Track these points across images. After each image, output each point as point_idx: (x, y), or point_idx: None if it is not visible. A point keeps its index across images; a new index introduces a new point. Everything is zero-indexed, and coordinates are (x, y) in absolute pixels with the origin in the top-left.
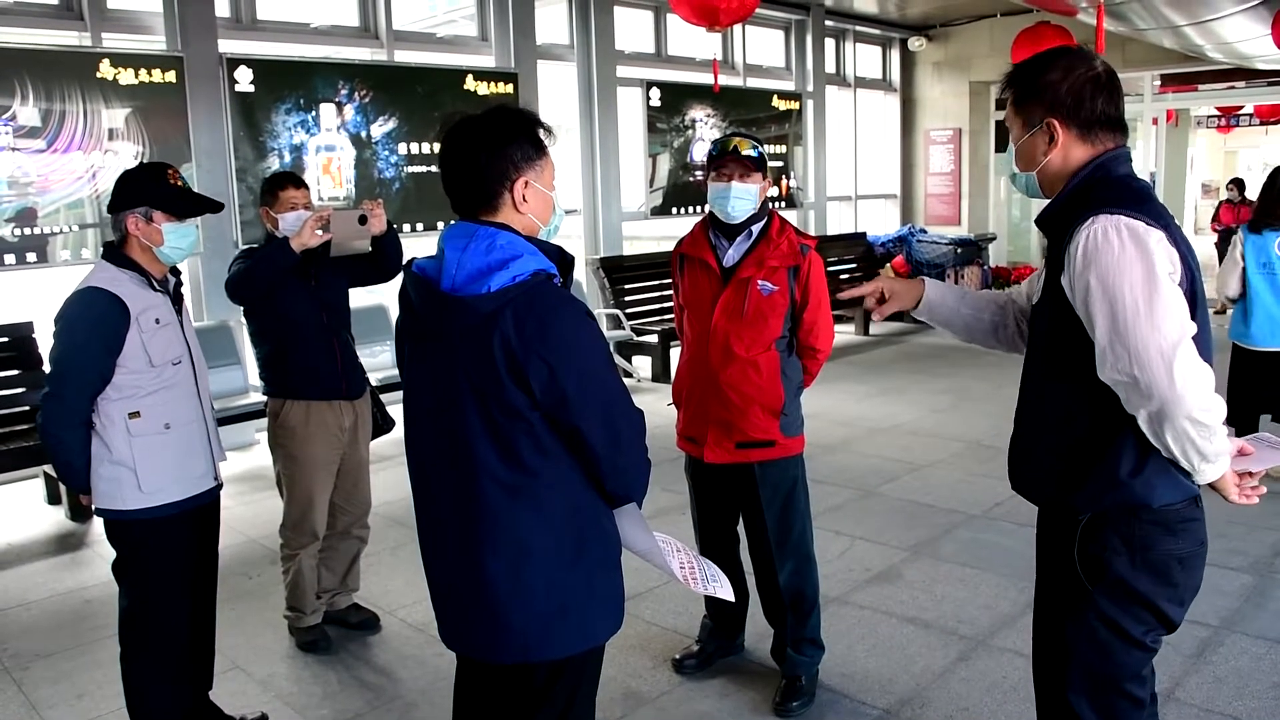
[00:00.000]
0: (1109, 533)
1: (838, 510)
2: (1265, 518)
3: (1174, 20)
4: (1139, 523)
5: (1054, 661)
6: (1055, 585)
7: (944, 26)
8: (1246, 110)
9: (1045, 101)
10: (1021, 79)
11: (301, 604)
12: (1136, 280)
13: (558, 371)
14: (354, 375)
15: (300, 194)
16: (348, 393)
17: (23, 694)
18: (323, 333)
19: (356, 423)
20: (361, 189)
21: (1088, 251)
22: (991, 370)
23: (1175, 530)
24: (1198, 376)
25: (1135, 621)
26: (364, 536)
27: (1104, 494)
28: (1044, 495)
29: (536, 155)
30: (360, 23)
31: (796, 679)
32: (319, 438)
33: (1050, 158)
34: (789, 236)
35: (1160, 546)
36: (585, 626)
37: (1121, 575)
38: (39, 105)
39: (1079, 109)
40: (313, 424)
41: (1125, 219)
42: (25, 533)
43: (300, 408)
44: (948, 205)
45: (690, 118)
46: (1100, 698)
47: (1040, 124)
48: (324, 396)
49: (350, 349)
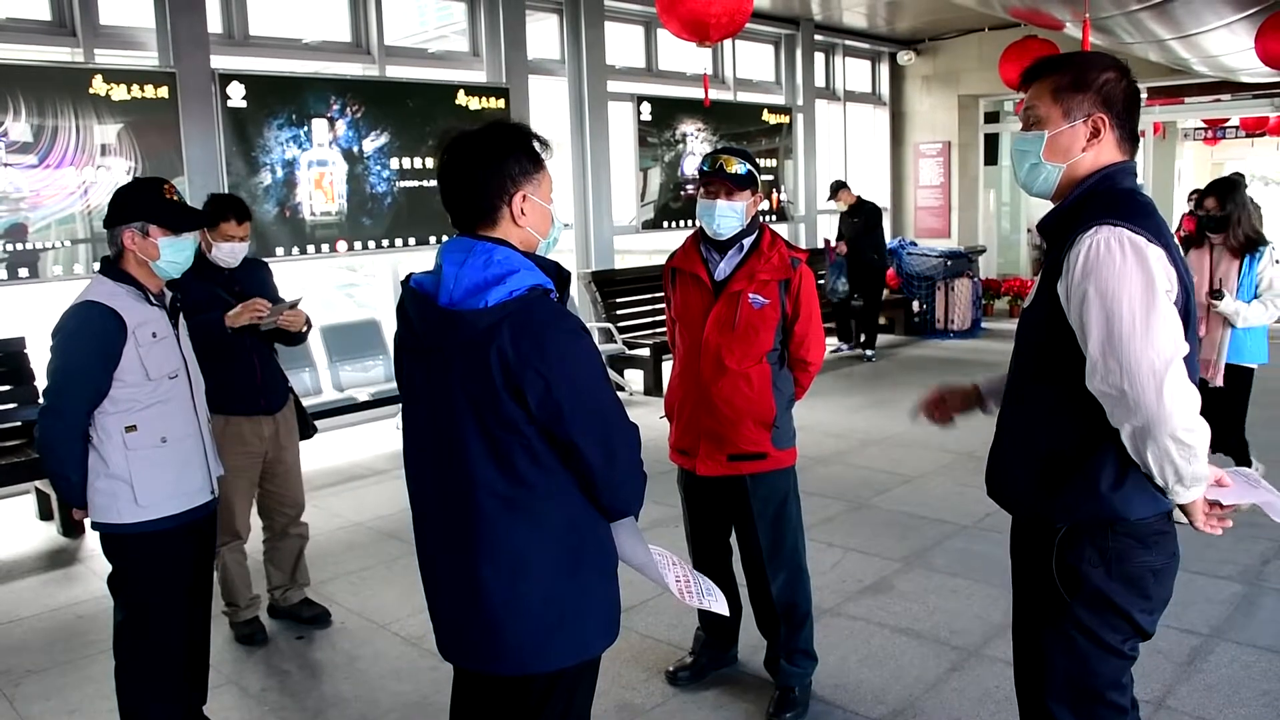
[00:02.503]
0: (1085, 544)
1: (830, 522)
2: (1254, 527)
3: (1159, 34)
4: (1114, 535)
5: (1033, 670)
6: (1032, 595)
7: (932, 41)
8: (1233, 123)
9: (1099, 97)
10: (1069, 69)
11: (235, 598)
12: (1135, 294)
13: (553, 386)
14: (273, 390)
15: (240, 229)
16: (265, 408)
17: (14, 710)
18: (243, 351)
19: (278, 431)
20: (353, 204)
21: (1088, 260)
22: None
23: (1149, 543)
24: (1185, 397)
25: (1112, 631)
26: (303, 534)
27: (1081, 505)
28: (1020, 504)
29: (534, 169)
30: (352, 38)
31: (789, 690)
32: (234, 448)
33: (1086, 154)
34: (780, 250)
35: (1135, 559)
36: (581, 638)
37: (1098, 586)
38: (31, 121)
39: (1127, 115)
40: (229, 436)
41: (1128, 232)
42: (17, 549)
43: (219, 420)
44: (937, 218)
45: (681, 132)
46: (1081, 706)
47: (1085, 118)
48: (242, 411)
49: (272, 365)
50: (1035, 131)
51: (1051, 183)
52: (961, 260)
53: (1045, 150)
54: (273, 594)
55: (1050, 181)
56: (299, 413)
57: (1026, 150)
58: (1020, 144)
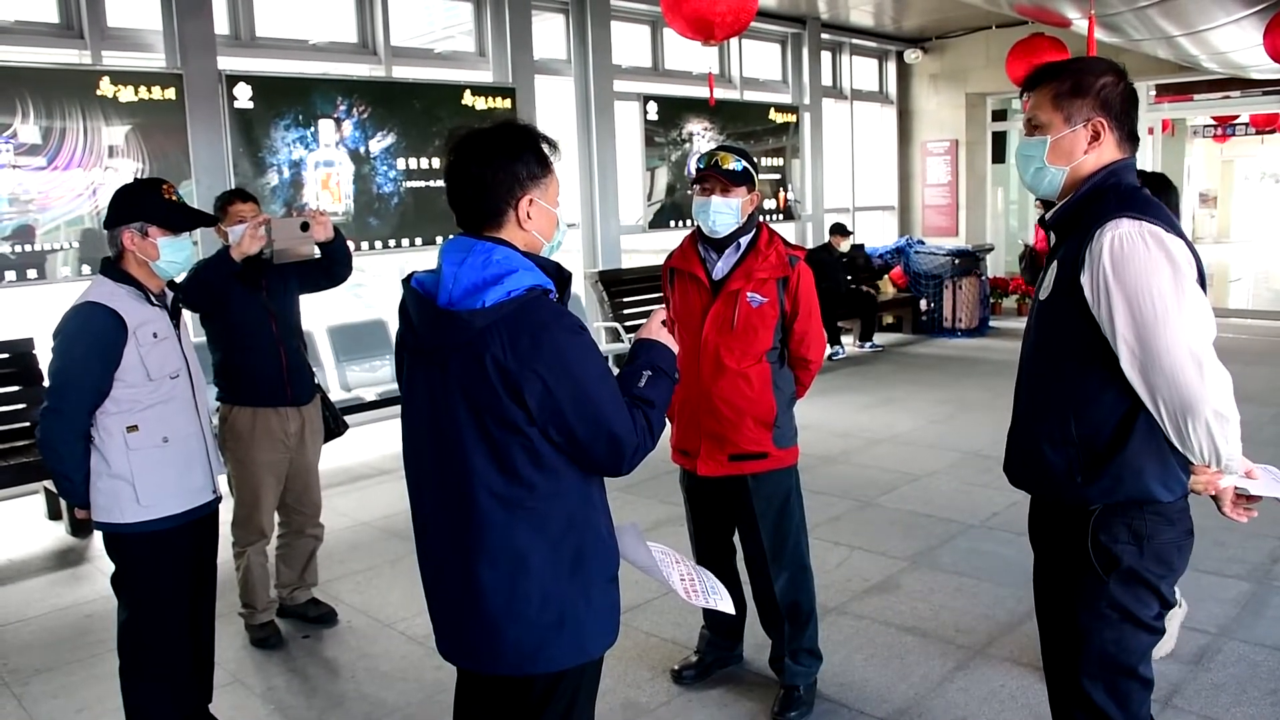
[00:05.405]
0: (1118, 524)
1: (836, 521)
2: (1263, 525)
3: (1168, 30)
4: (1145, 515)
5: (1066, 650)
6: (1062, 576)
7: (939, 39)
8: (1242, 119)
9: (1098, 101)
10: (1068, 75)
11: (253, 600)
12: (1165, 282)
13: (552, 386)
14: (300, 382)
15: (248, 207)
16: (293, 399)
17: (23, 709)
18: (270, 341)
19: (304, 428)
20: (360, 204)
21: (1114, 254)
22: (989, 380)
23: (1174, 520)
24: (1222, 377)
25: (1144, 606)
26: (318, 535)
27: (1118, 488)
28: (1049, 487)
29: (542, 172)
30: (358, 39)
31: (794, 689)
32: (264, 443)
33: (1088, 156)
34: (777, 248)
35: (1163, 536)
36: (582, 639)
37: (1131, 565)
38: (39, 123)
39: (1125, 116)
40: (258, 429)
41: (1149, 225)
42: (25, 548)
43: (246, 413)
44: (945, 216)
45: (687, 131)
46: (1113, 681)
47: (1085, 122)
48: (269, 403)
49: (298, 356)
50: (1038, 137)
51: (1056, 185)
52: (969, 259)
53: (1048, 155)
54: (280, 593)
55: (1055, 184)
56: (329, 411)
57: (1030, 155)
58: (1024, 149)
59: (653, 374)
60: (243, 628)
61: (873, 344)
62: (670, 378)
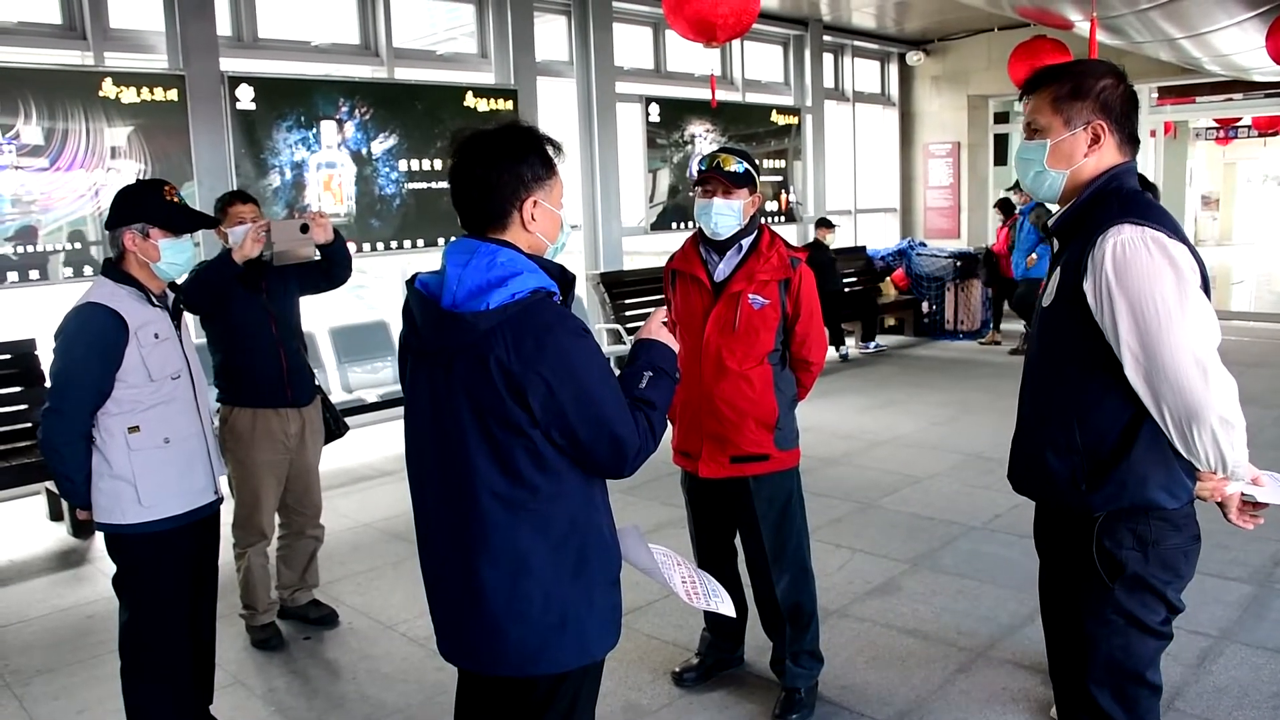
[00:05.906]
0: (1123, 531)
1: (838, 523)
2: (1265, 528)
3: (1169, 33)
4: (1151, 521)
5: (1073, 656)
6: (1068, 583)
7: (942, 41)
8: (1245, 122)
9: (1097, 104)
10: (1067, 79)
11: (254, 601)
12: (1168, 288)
13: (555, 388)
14: (300, 384)
15: (248, 209)
16: (293, 401)
17: (24, 710)
18: (270, 342)
19: (304, 429)
20: (362, 205)
21: (1117, 260)
22: (991, 383)
23: (1180, 526)
24: (1227, 382)
25: (1151, 612)
26: (319, 536)
27: (1123, 495)
28: (1053, 494)
29: (546, 174)
30: (360, 40)
31: (795, 691)
32: (264, 444)
33: (1088, 159)
34: (779, 250)
35: (1168, 542)
36: (583, 641)
37: (1137, 571)
38: (42, 124)
39: (1126, 119)
40: (258, 430)
41: (1151, 231)
42: (27, 549)
43: (246, 414)
44: (947, 219)
45: (689, 133)
46: (1121, 687)
47: (1085, 125)
48: (269, 404)
49: (298, 358)
50: (1038, 140)
51: (1057, 188)
52: (971, 261)
53: (1048, 158)
54: (281, 594)
55: (1055, 187)
56: (330, 413)
57: (1030, 159)
58: (1024, 152)
59: (653, 374)
60: (244, 629)
61: (875, 344)
62: (671, 377)
